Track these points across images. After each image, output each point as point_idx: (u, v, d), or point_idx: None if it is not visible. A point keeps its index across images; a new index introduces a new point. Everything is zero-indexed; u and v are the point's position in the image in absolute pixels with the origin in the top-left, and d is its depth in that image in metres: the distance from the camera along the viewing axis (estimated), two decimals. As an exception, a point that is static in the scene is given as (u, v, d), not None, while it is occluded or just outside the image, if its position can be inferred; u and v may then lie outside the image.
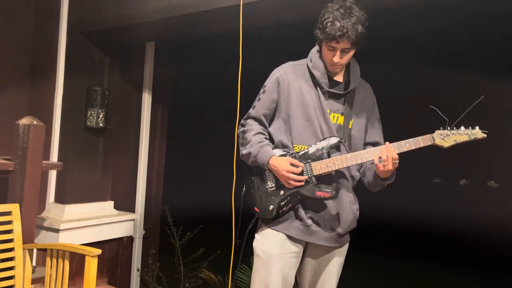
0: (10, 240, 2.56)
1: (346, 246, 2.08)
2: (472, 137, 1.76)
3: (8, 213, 2.58)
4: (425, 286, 6.12)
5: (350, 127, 1.96)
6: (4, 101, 3.44)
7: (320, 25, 1.87)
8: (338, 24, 1.79)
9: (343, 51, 1.86)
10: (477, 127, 1.76)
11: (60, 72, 3.54)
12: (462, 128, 1.77)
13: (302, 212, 1.93)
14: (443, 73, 6.00)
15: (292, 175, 1.86)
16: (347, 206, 1.94)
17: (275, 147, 1.99)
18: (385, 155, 1.78)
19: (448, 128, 1.78)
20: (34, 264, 3.11)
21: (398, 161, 1.79)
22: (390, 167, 1.78)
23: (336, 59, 1.86)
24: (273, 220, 1.96)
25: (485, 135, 1.75)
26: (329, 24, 1.81)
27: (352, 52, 1.89)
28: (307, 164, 1.89)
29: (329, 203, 1.92)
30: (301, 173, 1.89)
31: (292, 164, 1.87)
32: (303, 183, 1.87)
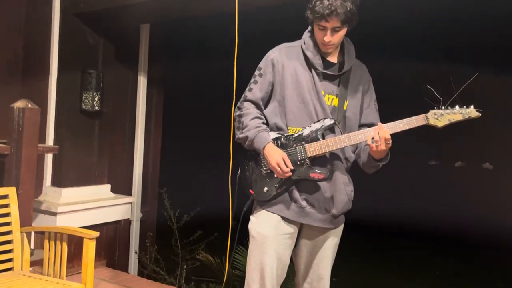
0: (8, 224, 2.58)
1: (341, 227, 2.10)
2: (466, 116, 1.75)
3: (5, 197, 2.59)
4: (419, 268, 6.21)
5: (345, 108, 1.96)
6: (-3, 84, 3.42)
7: (310, 4, 1.86)
8: (326, 2, 1.78)
9: (334, 30, 1.84)
10: (471, 106, 1.75)
11: (54, 54, 3.51)
12: (457, 107, 1.76)
13: (296, 194, 1.94)
14: (438, 53, 5.99)
15: (278, 169, 1.87)
16: (341, 188, 1.95)
17: (270, 129, 1.99)
18: (377, 135, 1.78)
19: (443, 107, 1.77)
20: (32, 247, 3.14)
21: (391, 142, 1.79)
22: (383, 147, 1.78)
23: (327, 38, 1.85)
24: (267, 202, 1.97)
25: (480, 114, 1.74)
26: (318, 2, 1.80)
27: (343, 31, 1.88)
28: (301, 146, 1.90)
29: (324, 184, 1.93)
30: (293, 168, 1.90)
31: (284, 161, 1.88)
32: (289, 174, 1.88)
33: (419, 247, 7.30)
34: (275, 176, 1.93)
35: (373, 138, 1.79)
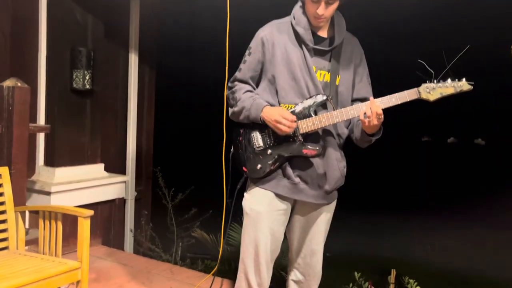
0: (2, 203, 2.57)
1: (334, 203, 2.12)
2: (458, 89, 1.75)
3: (-2, 176, 2.58)
4: (412, 242, 6.31)
5: (337, 83, 1.95)
6: (-15, 63, 3.35)
7: None
8: None
9: (327, 3, 1.82)
10: (463, 79, 1.74)
11: (43, 32, 3.44)
12: (449, 80, 1.75)
13: (289, 171, 1.95)
14: (430, 26, 5.93)
15: (281, 125, 1.84)
16: (334, 164, 1.96)
17: None
18: (369, 110, 1.78)
19: (434, 81, 1.77)
20: (27, 226, 3.14)
21: (383, 116, 1.79)
22: (375, 122, 1.78)
23: (320, 10, 1.82)
24: (261, 179, 1.98)
25: (471, 87, 1.74)
26: None
27: (336, 4, 1.85)
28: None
29: (316, 161, 1.94)
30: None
31: (284, 116, 1.86)
32: (294, 125, 1.86)
33: (412, 220, 7.39)
34: (268, 152, 1.93)
35: (365, 113, 1.79)
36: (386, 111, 1.81)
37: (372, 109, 1.77)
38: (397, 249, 5.82)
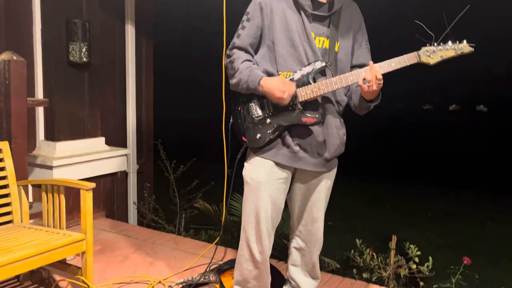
0: (4, 178, 2.59)
1: (335, 171, 2.12)
2: (459, 52, 1.71)
3: (-2, 151, 2.58)
4: (412, 209, 6.38)
5: (336, 50, 1.92)
6: (-20, 37, 3.31)
7: None
8: None
9: None
10: (464, 41, 1.71)
11: (36, 3, 3.38)
12: (449, 43, 1.72)
13: (289, 139, 1.94)
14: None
15: (285, 96, 1.82)
16: (333, 132, 1.95)
17: None
18: (369, 75, 1.75)
19: (435, 44, 1.73)
20: (30, 200, 3.17)
21: (382, 81, 1.77)
22: (375, 87, 1.76)
23: None
24: (261, 149, 1.98)
25: (472, 49, 1.70)
26: None
27: None
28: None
29: (316, 128, 1.93)
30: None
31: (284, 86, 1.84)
32: (293, 90, 1.84)
33: (412, 188, 7.46)
34: (267, 121, 1.92)
35: (364, 79, 1.77)
36: (386, 75, 1.78)
37: (372, 74, 1.75)
38: (397, 216, 5.89)
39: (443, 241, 4.91)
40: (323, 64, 1.85)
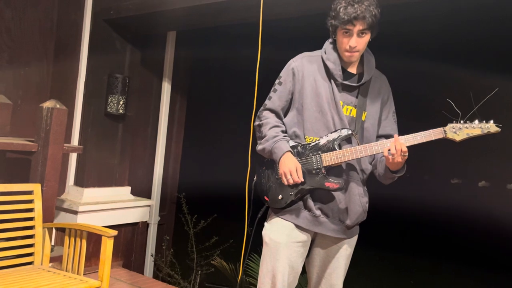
0: (31, 219, 2.67)
1: (355, 238, 2.10)
2: (486, 131, 1.74)
3: (30, 192, 2.69)
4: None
5: (363, 119, 1.97)
6: (28, 84, 3.56)
7: (333, 13, 1.89)
8: (351, 7, 1.82)
9: (359, 35, 1.86)
10: (491, 121, 1.74)
11: (83, 58, 3.63)
12: (476, 121, 1.75)
13: (311, 203, 1.96)
14: (457, 68, 5.90)
15: (288, 176, 1.88)
16: (356, 199, 1.96)
17: (289, 138, 2.02)
18: (393, 147, 1.78)
19: (461, 121, 1.77)
20: (53, 243, 3.22)
21: (407, 154, 1.80)
22: (399, 159, 1.79)
23: (353, 43, 1.86)
24: (282, 210, 1.99)
25: (499, 129, 1.73)
26: (342, 9, 1.84)
27: (367, 37, 1.89)
28: (317, 155, 1.92)
29: (338, 194, 1.94)
30: (306, 174, 1.91)
31: (297, 171, 1.89)
32: (298, 181, 1.89)
33: (437, 266, 7.14)
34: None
35: (389, 150, 1.80)
36: (411, 148, 1.81)
37: (397, 147, 1.78)
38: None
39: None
40: (349, 131, 1.89)
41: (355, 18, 1.81)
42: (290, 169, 1.88)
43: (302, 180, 1.89)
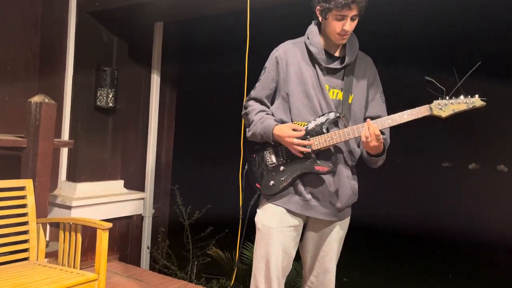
0: (24, 214, 2.66)
1: (347, 220, 2.12)
2: (471, 106, 1.75)
3: (22, 188, 2.68)
4: (432, 270, 6.15)
5: (350, 102, 1.98)
6: (15, 80, 3.52)
7: None
8: None
9: (352, 19, 1.87)
10: (476, 95, 1.75)
11: (70, 52, 3.61)
12: (461, 97, 1.76)
13: (301, 187, 1.98)
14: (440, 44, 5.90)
15: (295, 140, 1.89)
16: (345, 181, 1.98)
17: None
18: (367, 131, 1.80)
19: (446, 98, 1.78)
20: (47, 239, 3.22)
21: (382, 137, 1.82)
22: (375, 143, 1.80)
23: (347, 26, 1.87)
24: (273, 196, 2.01)
25: (484, 103, 1.74)
26: None
27: (356, 21, 1.91)
28: (306, 140, 1.93)
29: (328, 178, 1.96)
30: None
31: (294, 130, 1.91)
32: (308, 150, 1.90)
33: (431, 248, 7.23)
34: (281, 169, 1.97)
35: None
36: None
37: (370, 130, 1.80)
38: (415, 277, 5.69)
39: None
40: (337, 114, 1.91)
41: (352, 2, 1.82)
42: (289, 139, 1.89)
43: (304, 132, 1.89)
